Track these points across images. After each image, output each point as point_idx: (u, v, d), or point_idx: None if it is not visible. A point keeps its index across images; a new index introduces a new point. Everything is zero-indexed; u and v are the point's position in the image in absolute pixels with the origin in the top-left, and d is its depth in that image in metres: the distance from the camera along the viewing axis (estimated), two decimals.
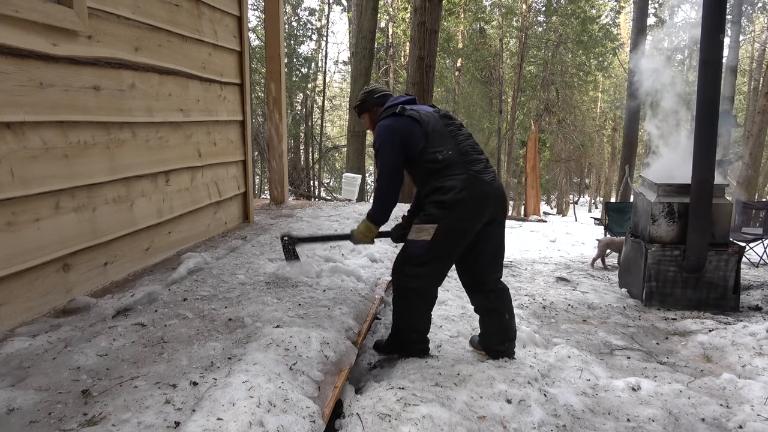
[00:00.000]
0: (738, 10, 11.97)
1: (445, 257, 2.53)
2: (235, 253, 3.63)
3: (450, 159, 2.47)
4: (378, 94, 2.75)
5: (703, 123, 4.25)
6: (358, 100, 2.83)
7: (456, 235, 2.47)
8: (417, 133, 2.50)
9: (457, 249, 2.52)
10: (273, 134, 5.88)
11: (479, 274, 2.65)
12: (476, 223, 2.48)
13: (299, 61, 20.59)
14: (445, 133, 2.53)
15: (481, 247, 2.59)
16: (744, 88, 22.69)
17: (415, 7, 6.00)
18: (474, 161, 2.50)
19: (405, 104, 2.63)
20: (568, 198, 29.16)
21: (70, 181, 2.57)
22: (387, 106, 2.65)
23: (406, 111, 2.55)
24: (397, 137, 2.49)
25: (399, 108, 2.57)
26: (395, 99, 2.70)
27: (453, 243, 2.49)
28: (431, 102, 6.08)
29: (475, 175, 2.46)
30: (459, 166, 2.46)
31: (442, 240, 2.46)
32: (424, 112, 2.57)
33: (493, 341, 2.77)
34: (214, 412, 1.57)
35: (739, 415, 2.44)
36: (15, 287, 2.28)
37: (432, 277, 2.58)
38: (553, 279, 5.66)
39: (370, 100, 2.75)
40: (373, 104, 2.74)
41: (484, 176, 2.48)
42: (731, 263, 4.41)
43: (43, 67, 2.39)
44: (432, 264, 2.52)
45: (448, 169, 2.47)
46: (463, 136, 2.57)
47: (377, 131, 2.56)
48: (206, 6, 3.91)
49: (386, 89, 2.81)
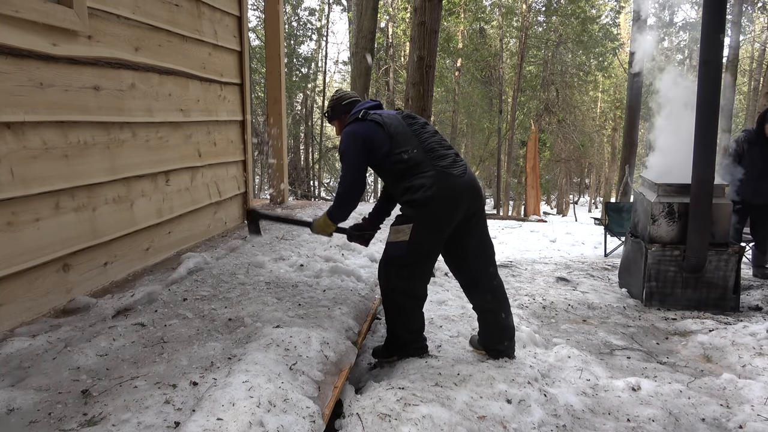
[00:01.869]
0: (738, 10, 11.96)
1: (426, 255, 2.57)
2: (235, 253, 3.64)
3: (416, 158, 2.50)
4: (346, 101, 2.79)
5: (703, 123, 4.25)
6: (327, 107, 2.86)
7: (433, 231, 2.50)
8: (381, 136, 2.54)
9: (436, 245, 2.57)
10: (273, 134, 5.88)
11: (470, 272, 2.69)
12: (451, 217, 2.50)
13: (299, 61, 20.59)
14: (409, 133, 2.57)
15: (466, 243, 2.62)
16: (744, 88, 22.68)
17: (415, 7, 5.99)
18: (440, 156, 2.53)
19: (369, 109, 2.68)
20: (568, 198, 29.15)
21: (70, 181, 2.57)
22: (352, 113, 2.69)
23: (369, 116, 2.60)
24: (359, 142, 2.54)
25: (362, 113, 2.62)
26: (360, 105, 2.75)
27: (431, 240, 2.53)
28: (431, 102, 6.10)
29: (443, 170, 2.48)
30: (425, 163, 2.49)
31: (420, 238, 2.49)
32: (387, 115, 2.62)
33: (493, 341, 2.80)
34: (214, 412, 1.57)
35: (739, 415, 2.44)
36: (15, 287, 2.28)
37: (417, 277, 2.61)
38: (553, 279, 5.66)
39: (338, 107, 2.79)
40: (341, 111, 2.78)
41: (452, 170, 2.50)
42: (731, 263, 4.41)
43: (43, 67, 2.39)
44: (414, 263, 2.56)
45: (415, 168, 2.50)
46: (427, 134, 2.61)
47: (342, 137, 2.62)
48: (206, 6, 3.91)
49: (354, 95, 2.85)
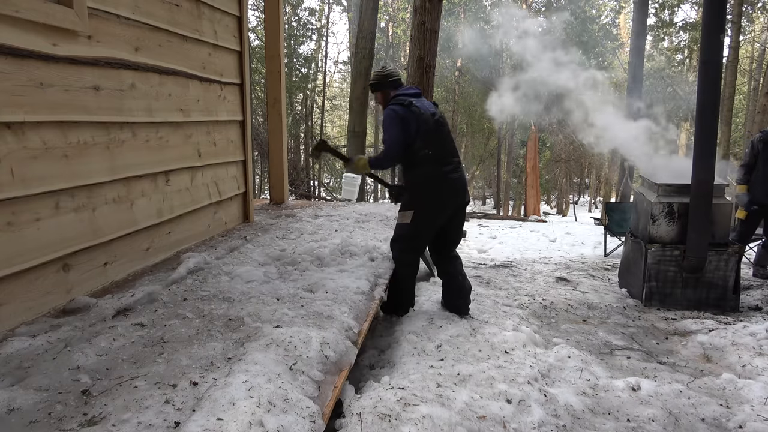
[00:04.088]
0: (738, 10, 11.95)
1: (422, 235, 3.41)
2: (235, 252, 3.63)
3: (431, 158, 3.24)
4: (392, 78, 3.41)
5: (703, 123, 4.25)
6: (374, 79, 3.48)
7: (428, 219, 3.33)
8: (413, 127, 3.21)
9: (431, 229, 3.38)
10: (273, 134, 5.88)
11: (442, 247, 3.56)
12: (444, 211, 3.32)
13: (299, 61, 20.59)
14: (435, 136, 3.26)
15: (448, 227, 3.44)
16: (744, 88, 22.67)
17: (415, 7, 5.99)
18: (447, 163, 3.29)
19: (412, 96, 3.30)
20: (568, 198, 29.13)
21: (70, 181, 2.57)
22: (399, 93, 3.35)
23: (412, 105, 3.22)
24: (400, 122, 3.21)
25: (407, 101, 3.23)
26: (405, 89, 3.40)
27: (427, 225, 3.35)
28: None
29: (445, 175, 3.26)
30: (434, 165, 3.25)
31: (417, 221, 3.32)
32: (425, 111, 3.25)
33: (452, 299, 3.60)
34: (214, 412, 1.57)
35: (739, 415, 2.44)
36: (15, 287, 2.28)
37: (414, 249, 3.49)
38: (553, 279, 5.66)
39: (385, 82, 3.41)
40: (387, 86, 3.41)
41: (451, 175, 3.29)
42: (731, 263, 4.41)
43: (43, 67, 2.39)
44: (414, 237, 3.39)
45: (426, 164, 3.24)
46: (448, 143, 3.34)
47: (387, 112, 3.26)
48: (206, 6, 3.91)
49: (399, 74, 3.47)
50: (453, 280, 3.57)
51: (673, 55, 21.88)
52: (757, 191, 5.29)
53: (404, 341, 3.06)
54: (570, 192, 30.45)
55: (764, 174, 5.24)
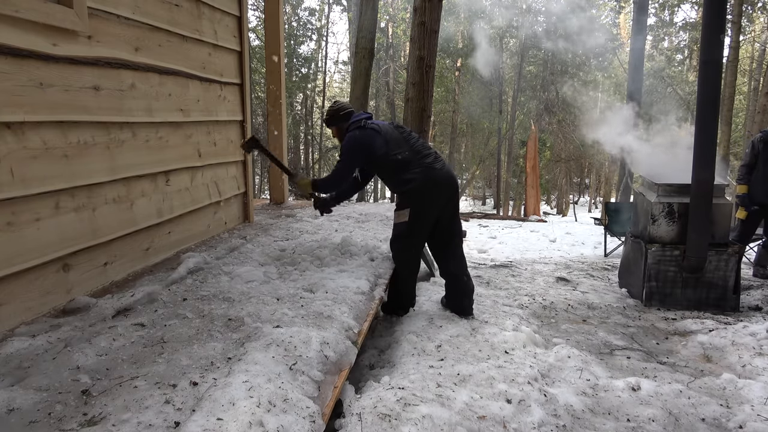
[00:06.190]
0: (738, 10, 11.95)
1: (420, 232, 3.41)
2: (235, 252, 3.63)
3: (407, 157, 3.32)
4: (344, 111, 3.57)
5: (703, 123, 4.25)
6: (326, 116, 3.66)
7: (424, 213, 3.32)
8: (379, 141, 3.35)
9: (427, 225, 3.38)
10: (273, 134, 5.88)
11: (440, 243, 3.52)
12: (437, 202, 3.33)
13: (299, 61, 20.60)
14: (400, 139, 3.40)
15: (443, 223, 3.42)
16: (744, 88, 22.67)
17: (415, 7, 5.99)
18: (425, 156, 3.36)
19: (366, 119, 3.47)
20: (568, 198, 29.14)
21: (70, 181, 2.57)
22: (352, 121, 3.49)
23: (368, 125, 3.41)
24: (358, 147, 3.37)
25: (363, 122, 3.43)
26: (358, 115, 3.53)
27: (423, 220, 3.35)
28: (431, 102, 6.14)
29: (428, 166, 3.31)
30: (414, 162, 3.31)
31: (415, 217, 3.32)
32: (382, 125, 3.46)
33: (456, 299, 3.58)
34: (214, 412, 1.57)
35: (739, 415, 2.44)
36: (15, 287, 2.28)
37: (413, 247, 3.48)
38: (553, 279, 5.66)
39: (336, 116, 3.58)
40: (339, 120, 3.57)
41: (434, 165, 3.33)
42: (731, 263, 4.41)
43: (43, 67, 2.39)
44: (412, 235, 3.39)
45: (407, 165, 3.31)
46: (414, 139, 3.43)
47: (346, 139, 3.42)
48: (206, 6, 3.91)
49: (350, 106, 3.64)
50: (457, 280, 3.53)
51: (673, 55, 21.88)
52: (757, 191, 5.30)
53: (404, 341, 3.06)
54: (570, 192, 30.45)
55: (764, 174, 5.24)
